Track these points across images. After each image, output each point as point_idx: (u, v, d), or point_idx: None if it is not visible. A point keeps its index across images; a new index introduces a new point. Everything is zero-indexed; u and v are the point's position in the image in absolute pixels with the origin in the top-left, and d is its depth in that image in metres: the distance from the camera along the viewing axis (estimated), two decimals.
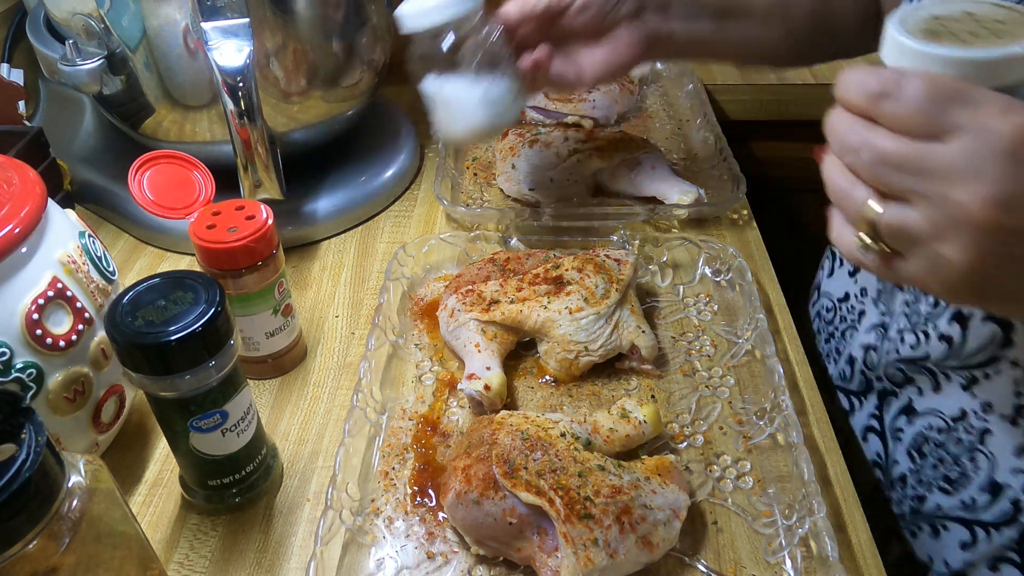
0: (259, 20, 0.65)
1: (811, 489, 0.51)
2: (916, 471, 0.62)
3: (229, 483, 0.52)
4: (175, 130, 0.73)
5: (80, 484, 0.37)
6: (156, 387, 0.46)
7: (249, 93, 0.62)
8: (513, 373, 0.63)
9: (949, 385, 0.58)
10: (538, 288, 0.63)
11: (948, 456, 0.58)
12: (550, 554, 0.47)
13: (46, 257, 0.48)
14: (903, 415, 0.62)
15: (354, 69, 0.75)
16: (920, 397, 0.60)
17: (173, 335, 0.43)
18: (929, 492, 0.61)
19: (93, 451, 0.54)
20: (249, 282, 0.57)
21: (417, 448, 0.57)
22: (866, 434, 0.67)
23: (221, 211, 0.58)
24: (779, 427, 0.57)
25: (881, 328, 0.63)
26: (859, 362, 0.67)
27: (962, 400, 0.57)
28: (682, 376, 0.63)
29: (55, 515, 0.36)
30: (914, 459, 0.61)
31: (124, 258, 0.78)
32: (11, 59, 0.88)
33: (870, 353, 0.65)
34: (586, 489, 0.48)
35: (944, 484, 0.60)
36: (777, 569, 0.50)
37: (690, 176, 0.84)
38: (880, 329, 0.63)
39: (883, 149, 0.35)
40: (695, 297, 0.70)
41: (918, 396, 0.61)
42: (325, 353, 0.67)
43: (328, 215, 0.79)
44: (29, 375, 0.46)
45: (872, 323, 0.65)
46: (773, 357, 0.60)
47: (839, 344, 0.71)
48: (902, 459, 0.63)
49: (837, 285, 0.70)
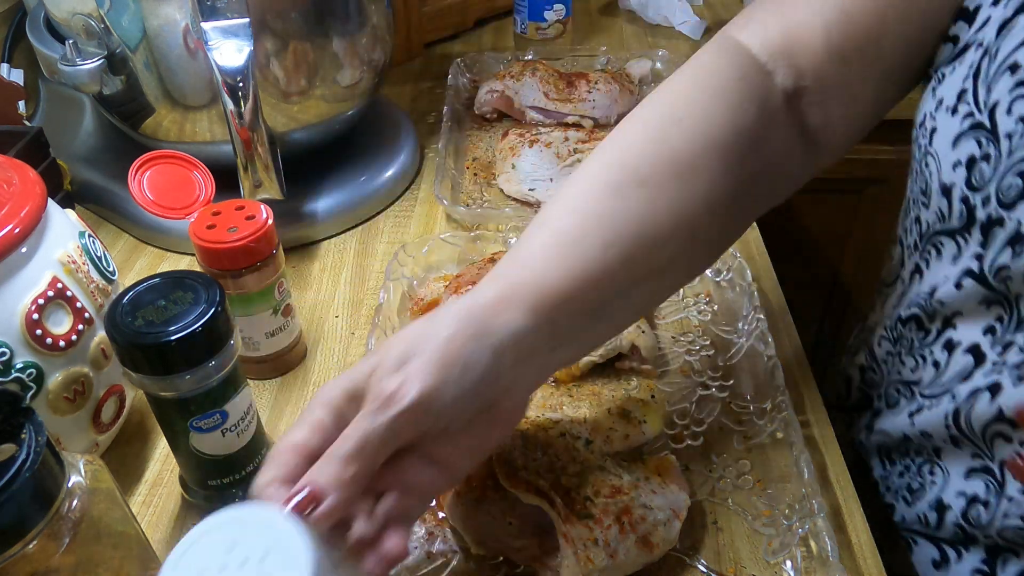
0: (259, 20, 0.65)
1: (811, 489, 0.51)
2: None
3: (229, 483, 0.52)
4: (175, 130, 0.73)
5: (80, 484, 0.37)
6: (156, 387, 0.46)
7: (249, 93, 0.62)
8: None
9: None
10: None
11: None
12: (550, 554, 0.47)
13: (46, 257, 0.48)
14: None
15: (354, 69, 0.75)
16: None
17: (173, 335, 0.43)
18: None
19: (93, 451, 0.54)
20: (249, 282, 0.57)
21: None
22: None
23: (221, 211, 0.58)
24: (779, 427, 0.57)
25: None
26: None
27: None
28: (682, 376, 0.63)
29: (55, 515, 0.35)
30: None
31: (124, 258, 0.78)
32: (11, 59, 0.88)
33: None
34: (586, 489, 0.48)
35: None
36: (777, 569, 0.50)
37: None
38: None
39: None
40: (695, 297, 0.70)
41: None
42: (325, 353, 0.67)
43: (328, 215, 0.79)
44: (29, 375, 0.46)
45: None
46: (773, 357, 0.60)
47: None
48: None
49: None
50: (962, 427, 0.52)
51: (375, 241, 0.79)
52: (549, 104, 0.92)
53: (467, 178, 0.86)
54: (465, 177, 0.87)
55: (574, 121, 0.92)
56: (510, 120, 0.95)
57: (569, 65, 1.05)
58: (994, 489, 0.51)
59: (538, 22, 1.09)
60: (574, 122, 0.92)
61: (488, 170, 0.87)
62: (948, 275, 0.52)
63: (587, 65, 1.05)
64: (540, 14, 1.08)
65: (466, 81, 1.03)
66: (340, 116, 0.79)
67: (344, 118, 0.80)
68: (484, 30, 1.21)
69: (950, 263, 0.52)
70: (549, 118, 0.92)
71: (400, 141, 0.88)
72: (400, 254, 0.71)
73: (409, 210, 0.84)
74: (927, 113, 0.51)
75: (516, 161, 0.83)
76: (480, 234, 0.74)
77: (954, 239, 0.51)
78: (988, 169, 0.47)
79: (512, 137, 0.85)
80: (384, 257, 0.77)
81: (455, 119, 0.92)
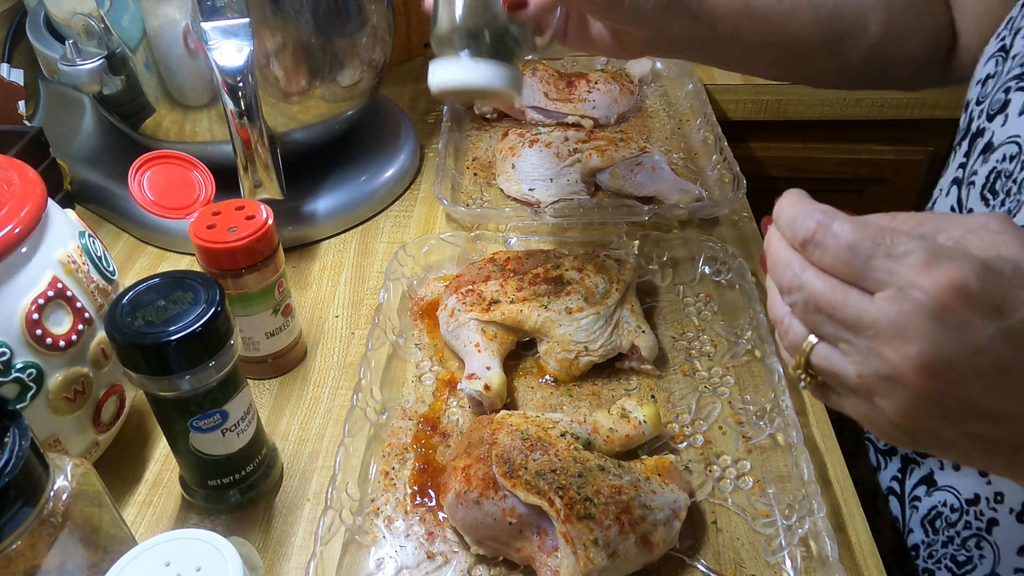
0: (259, 20, 0.65)
1: (811, 489, 0.51)
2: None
3: (229, 483, 0.52)
4: (175, 130, 0.73)
5: (65, 487, 0.38)
6: (156, 387, 0.46)
7: (249, 93, 0.62)
8: (513, 373, 0.63)
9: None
10: (538, 288, 0.63)
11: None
12: (550, 554, 0.47)
13: (46, 257, 0.48)
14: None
15: (354, 69, 0.75)
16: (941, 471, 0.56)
17: (173, 335, 0.43)
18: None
19: (93, 451, 0.54)
20: (249, 282, 0.57)
21: (417, 448, 0.57)
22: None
23: (221, 211, 0.58)
24: (779, 427, 0.57)
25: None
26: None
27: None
28: (682, 376, 0.63)
29: (37, 517, 0.36)
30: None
31: (124, 258, 0.78)
32: (11, 59, 0.88)
33: None
34: (586, 489, 0.48)
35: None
36: (777, 569, 0.50)
37: (690, 176, 0.84)
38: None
39: (813, 293, 0.34)
40: (695, 297, 0.70)
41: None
42: (325, 353, 0.67)
43: (328, 215, 0.79)
44: (29, 375, 0.46)
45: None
46: (773, 357, 0.60)
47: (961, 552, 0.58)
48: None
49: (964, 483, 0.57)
50: None
51: (375, 241, 0.79)
52: (549, 104, 0.92)
53: (467, 178, 0.86)
54: (465, 177, 0.87)
55: (574, 121, 0.92)
56: (510, 120, 0.95)
57: (569, 65, 1.05)
58: None
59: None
60: (574, 122, 0.92)
61: (488, 170, 0.87)
62: None
63: (587, 65, 1.05)
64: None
65: None
66: (340, 116, 0.79)
67: (344, 118, 0.80)
68: None
69: None
70: (549, 118, 0.92)
71: (400, 141, 0.88)
72: (400, 254, 0.71)
73: (409, 210, 0.84)
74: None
75: (516, 161, 0.83)
76: (480, 234, 0.74)
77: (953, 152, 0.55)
78: (991, 84, 0.50)
79: (512, 137, 0.85)
80: (384, 257, 0.77)
81: (455, 119, 0.93)
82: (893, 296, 0.32)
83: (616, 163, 0.81)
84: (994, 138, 0.51)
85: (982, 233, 0.33)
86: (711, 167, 0.85)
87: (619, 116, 0.94)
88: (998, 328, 0.31)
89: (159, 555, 0.36)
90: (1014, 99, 0.51)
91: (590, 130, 0.89)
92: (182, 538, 0.37)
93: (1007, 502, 0.52)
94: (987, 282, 0.31)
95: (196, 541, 0.37)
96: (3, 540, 0.35)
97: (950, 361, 0.32)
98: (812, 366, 0.36)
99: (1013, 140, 0.51)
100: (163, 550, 0.37)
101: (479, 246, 0.74)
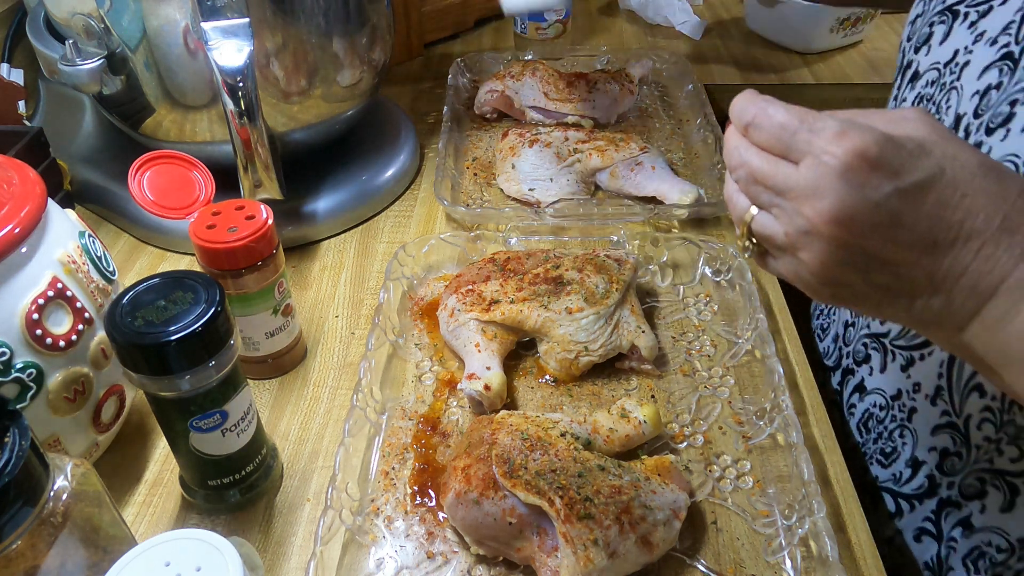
0: (259, 20, 0.65)
1: (811, 489, 0.51)
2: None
3: (229, 483, 0.53)
4: (175, 130, 0.73)
5: (65, 487, 0.38)
6: (156, 387, 0.46)
7: (249, 93, 0.62)
8: (513, 373, 0.63)
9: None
10: (538, 288, 0.63)
11: (1008, 572, 0.57)
12: (550, 554, 0.47)
13: (46, 257, 0.48)
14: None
15: (354, 69, 0.76)
16: (982, 514, 0.58)
17: (173, 335, 0.43)
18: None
19: (93, 451, 0.54)
20: (249, 282, 0.57)
21: (417, 448, 0.57)
22: None
23: (221, 211, 0.58)
24: (779, 427, 0.57)
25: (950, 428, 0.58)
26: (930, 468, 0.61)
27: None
28: (682, 376, 0.63)
29: (37, 517, 0.36)
30: (968, 569, 0.59)
31: (124, 258, 0.78)
32: (11, 59, 0.88)
33: (950, 459, 0.59)
34: (586, 489, 0.48)
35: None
36: (777, 569, 0.50)
37: (690, 176, 0.84)
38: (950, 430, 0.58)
39: (751, 167, 0.41)
40: (695, 297, 0.70)
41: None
42: (325, 353, 0.67)
43: (328, 215, 0.79)
44: (29, 375, 0.46)
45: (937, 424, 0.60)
46: (773, 357, 0.60)
47: (886, 445, 0.65)
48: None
49: (889, 382, 0.64)
50: None
51: (375, 241, 0.79)
52: (549, 104, 0.92)
53: (467, 178, 0.86)
54: (465, 177, 0.87)
55: (574, 121, 0.92)
56: (510, 120, 0.95)
57: (569, 65, 1.05)
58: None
59: (538, 22, 1.09)
60: (574, 122, 0.92)
61: (488, 170, 0.87)
62: None
63: (587, 65, 1.05)
64: (540, 14, 1.08)
65: (466, 81, 1.03)
66: (340, 116, 0.79)
67: (344, 118, 0.80)
68: (484, 30, 1.21)
69: None
70: (549, 118, 0.92)
71: (400, 141, 0.88)
72: (400, 254, 0.71)
73: (409, 210, 0.84)
74: (960, 49, 0.55)
75: (516, 161, 0.83)
76: (480, 234, 0.74)
77: None
78: (995, 96, 0.51)
79: (512, 137, 0.85)
80: (384, 257, 0.77)
81: (455, 119, 0.93)
82: (811, 162, 0.38)
83: (616, 163, 0.81)
84: (919, 67, 0.59)
85: (899, 120, 0.39)
86: (711, 167, 0.85)
87: (619, 116, 0.94)
88: (893, 187, 0.37)
89: (159, 555, 0.36)
90: (936, 32, 0.59)
91: (590, 130, 0.89)
92: (182, 538, 0.37)
93: (923, 389, 0.59)
94: (887, 149, 0.37)
95: (196, 541, 0.37)
96: (3, 540, 0.35)
97: (853, 213, 0.37)
98: (753, 233, 0.43)
99: (934, 67, 0.58)
100: (163, 550, 0.37)
101: (479, 246, 0.74)
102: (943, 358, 0.57)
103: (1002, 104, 0.50)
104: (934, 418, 0.58)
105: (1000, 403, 0.53)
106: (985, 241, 0.37)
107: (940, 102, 0.56)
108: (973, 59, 0.53)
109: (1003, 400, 0.52)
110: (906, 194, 0.37)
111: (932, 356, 0.58)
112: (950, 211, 0.37)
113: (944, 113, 0.56)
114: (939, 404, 0.57)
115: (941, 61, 0.57)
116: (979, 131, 0.51)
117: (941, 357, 0.57)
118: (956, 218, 0.37)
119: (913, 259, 0.38)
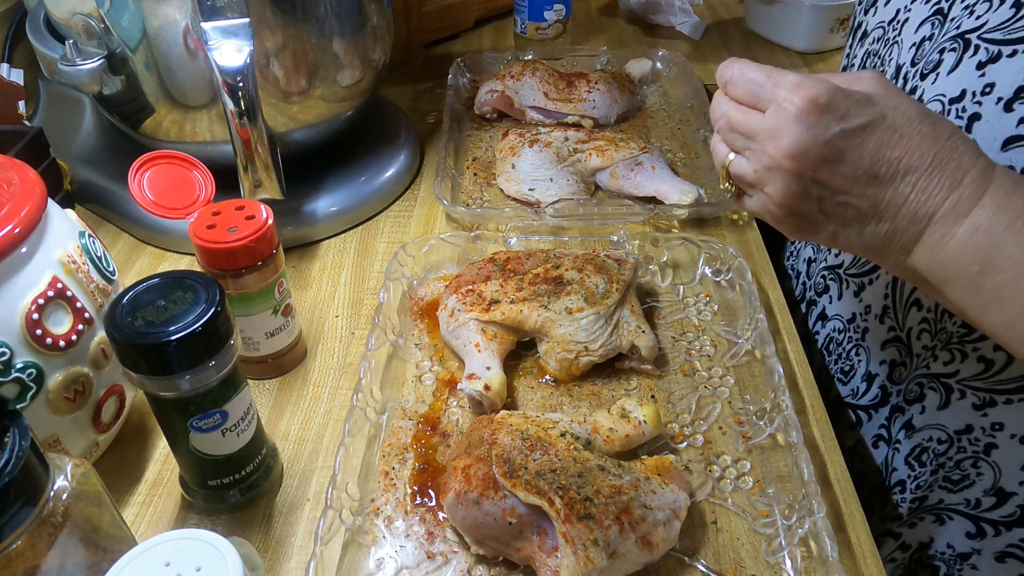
0: (259, 20, 0.65)
1: (811, 489, 0.51)
2: (915, 477, 0.64)
3: (229, 483, 0.53)
4: (175, 130, 0.73)
5: (65, 487, 0.38)
6: (156, 387, 0.46)
7: (249, 93, 0.62)
8: (513, 373, 0.63)
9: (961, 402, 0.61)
10: (538, 288, 0.63)
11: (950, 462, 0.61)
12: (550, 554, 0.47)
13: (46, 257, 0.48)
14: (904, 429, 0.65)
15: (354, 69, 0.76)
16: (921, 415, 0.63)
17: (173, 335, 0.43)
18: (930, 492, 0.62)
19: (93, 451, 0.54)
20: (249, 282, 0.57)
21: (417, 448, 0.57)
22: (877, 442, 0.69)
23: (221, 211, 0.58)
24: (779, 427, 0.57)
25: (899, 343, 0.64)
26: (881, 378, 0.67)
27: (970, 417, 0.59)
28: (682, 376, 0.63)
29: (37, 517, 0.36)
30: (912, 466, 0.64)
31: (124, 258, 0.78)
32: (11, 59, 0.88)
33: (897, 369, 0.65)
34: (586, 489, 0.48)
35: (945, 484, 0.61)
36: (777, 569, 0.50)
37: (690, 176, 0.84)
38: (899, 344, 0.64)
39: (728, 117, 0.49)
40: (695, 297, 0.70)
41: (919, 414, 0.63)
42: (325, 353, 0.67)
43: (328, 215, 0.79)
44: (29, 375, 0.46)
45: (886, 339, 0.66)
46: (773, 357, 0.60)
47: (846, 364, 0.72)
48: (900, 466, 0.66)
49: (846, 307, 0.71)
50: None
51: (375, 241, 0.79)
52: (549, 104, 0.92)
53: (467, 178, 0.86)
54: (465, 177, 0.87)
55: (574, 121, 0.92)
56: (510, 120, 0.95)
57: (569, 65, 1.05)
58: None
59: (538, 22, 1.09)
60: (574, 122, 0.92)
61: (488, 170, 0.87)
62: None
63: (587, 65, 1.05)
64: (540, 14, 1.08)
65: (466, 81, 1.03)
66: (340, 116, 0.79)
67: (344, 118, 0.80)
68: (484, 30, 1.21)
69: None
70: (549, 118, 0.92)
71: (400, 141, 0.88)
72: (400, 254, 0.71)
73: (409, 210, 0.84)
74: (900, 8, 0.62)
75: (516, 161, 0.83)
76: (480, 234, 0.74)
77: None
78: (928, 46, 0.57)
79: (512, 137, 0.85)
80: (384, 257, 0.77)
81: (455, 119, 0.92)
82: (773, 109, 0.46)
83: (616, 163, 0.81)
84: (868, 27, 0.67)
85: (855, 79, 0.47)
86: (711, 167, 0.85)
87: (619, 116, 0.94)
88: (840, 128, 0.44)
89: (159, 555, 0.36)
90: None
91: (590, 130, 0.89)
92: (182, 538, 0.37)
93: (872, 311, 0.66)
94: (835, 97, 0.44)
95: (196, 541, 0.37)
96: (3, 540, 0.35)
97: (806, 149, 0.45)
98: (731, 176, 0.51)
99: (880, 25, 0.65)
100: (163, 550, 0.37)
101: (479, 246, 0.74)
102: (888, 280, 0.64)
103: (933, 53, 0.56)
104: (883, 334, 0.65)
105: (934, 314, 0.59)
106: (920, 175, 0.44)
107: (884, 55, 0.64)
108: (911, 16, 0.60)
109: (937, 310, 0.59)
110: (850, 134, 0.44)
111: (879, 280, 0.65)
112: (889, 149, 0.44)
113: (887, 64, 0.63)
114: (886, 321, 0.64)
115: (885, 20, 0.64)
116: (915, 77, 0.58)
117: (887, 280, 0.64)
118: (894, 155, 0.44)
119: (860, 190, 0.45)
